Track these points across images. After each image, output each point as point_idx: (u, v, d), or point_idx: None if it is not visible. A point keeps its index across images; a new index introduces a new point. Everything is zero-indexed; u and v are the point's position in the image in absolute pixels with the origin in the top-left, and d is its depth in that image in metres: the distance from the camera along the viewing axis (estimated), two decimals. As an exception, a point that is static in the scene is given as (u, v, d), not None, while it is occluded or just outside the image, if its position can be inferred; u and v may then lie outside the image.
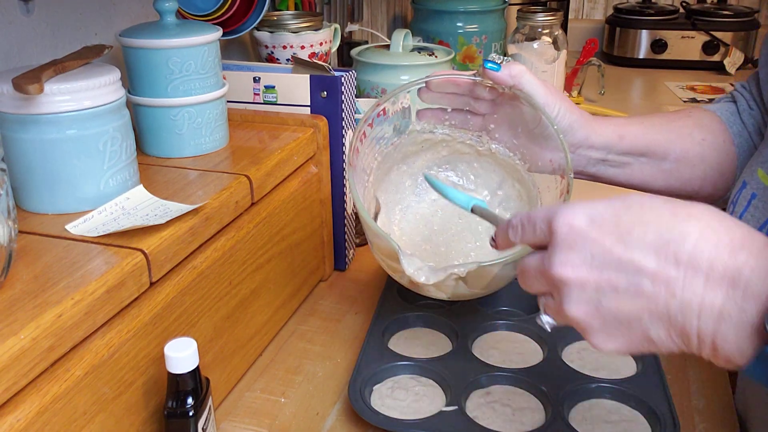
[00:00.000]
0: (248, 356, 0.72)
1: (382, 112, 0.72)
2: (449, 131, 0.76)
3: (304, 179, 0.81)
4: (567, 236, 0.44)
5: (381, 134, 0.74)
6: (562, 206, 0.45)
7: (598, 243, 0.43)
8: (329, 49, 1.18)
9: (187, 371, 0.54)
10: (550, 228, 0.45)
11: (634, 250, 0.42)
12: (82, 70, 0.62)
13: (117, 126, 0.62)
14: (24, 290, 0.49)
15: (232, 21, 0.98)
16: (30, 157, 0.59)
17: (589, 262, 0.43)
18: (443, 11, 1.56)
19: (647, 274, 0.41)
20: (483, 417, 0.63)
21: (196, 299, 0.62)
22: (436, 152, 0.80)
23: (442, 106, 0.74)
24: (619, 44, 1.97)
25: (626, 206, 0.44)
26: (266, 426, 0.65)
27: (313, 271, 0.86)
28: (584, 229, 0.43)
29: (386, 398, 0.66)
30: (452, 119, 0.75)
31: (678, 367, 0.72)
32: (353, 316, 0.82)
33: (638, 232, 0.42)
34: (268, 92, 0.86)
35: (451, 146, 0.79)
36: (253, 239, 0.70)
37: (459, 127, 0.76)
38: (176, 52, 0.72)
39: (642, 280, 0.42)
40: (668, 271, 0.41)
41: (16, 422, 0.44)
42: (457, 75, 0.71)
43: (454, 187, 0.68)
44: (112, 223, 0.58)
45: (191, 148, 0.75)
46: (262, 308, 0.74)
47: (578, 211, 0.44)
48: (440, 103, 0.74)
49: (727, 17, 1.88)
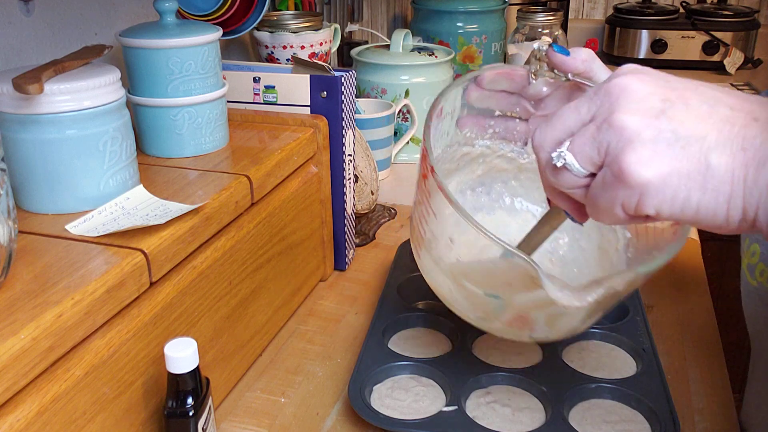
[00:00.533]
0: (248, 356, 0.72)
1: (439, 112, 0.60)
2: (490, 143, 0.66)
3: (304, 179, 0.81)
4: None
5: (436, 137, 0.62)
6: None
7: (670, 77, 0.40)
8: (329, 49, 1.18)
9: (187, 371, 0.54)
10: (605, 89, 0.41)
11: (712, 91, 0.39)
12: (82, 70, 0.62)
13: (117, 126, 0.62)
14: (24, 290, 0.49)
15: (232, 21, 0.98)
16: (30, 157, 0.59)
17: (660, 80, 0.40)
18: (443, 11, 1.56)
19: (726, 103, 0.39)
20: (483, 417, 0.63)
21: (196, 299, 0.62)
22: (470, 172, 0.70)
23: (485, 113, 0.64)
24: (619, 44, 1.97)
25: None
26: (266, 426, 0.65)
27: (313, 271, 0.86)
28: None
29: (386, 398, 0.66)
30: (496, 126, 0.64)
31: (678, 367, 0.72)
32: (353, 316, 0.82)
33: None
34: (268, 92, 0.86)
35: (488, 162, 0.69)
36: (253, 239, 0.70)
37: (501, 137, 0.65)
38: (176, 52, 0.72)
39: (719, 106, 0.38)
40: (749, 107, 0.38)
41: (16, 422, 0.44)
42: (512, 68, 0.60)
43: (489, 214, 0.61)
44: (112, 223, 0.58)
45: (191, 148, 0.75)
46: (262, 308, 0.74)
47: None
48: (487, 104, 0.63)
49: (727, 17, 1.88)
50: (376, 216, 1.05)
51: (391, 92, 1.23)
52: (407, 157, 1.28)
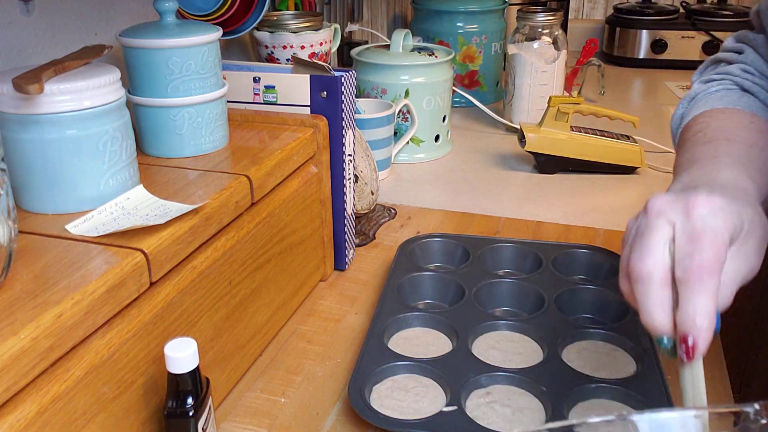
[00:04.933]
0: (248, 356, 0.72)
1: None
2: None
3: (304, 179, 0.81)
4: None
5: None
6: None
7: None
8: (329, 49, 1.18)
9: (187, 371, 0.54)
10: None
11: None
12: (82, 70, 0.62)
13: (117, 126, 0.62)
14: (24, 290, 0.49)
15: (232, 21, 0.98)
16: (30, 157, 0.59)
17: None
18: (443, 11, 1.56)
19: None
20: (483, 417, 0.63)
21: (196, 299, 0.62)
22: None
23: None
24: (619, 44, 1.97)
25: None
26: (266, 426, 0.65)
27: (313, 271, 0.86)
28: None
29: (386, 398, 0.66)
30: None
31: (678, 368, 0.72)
32: (353, 316, 0.82)
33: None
34: (268, 92, 0.86)
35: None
36: (253, 239, 0.70)
37: None
38: (176, 52, 0.72)
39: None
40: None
41: (16, 422, 0.44)
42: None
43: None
44: (112, 223, 0.58)
45: (191, 148, 0.75)
46: (262, 308, 0.74)
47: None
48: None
49: (727, 17, 1.88)
50: (376, 216, 1.05)
51: (391, 92, 1.23)
52: (407, 157, 1.28)
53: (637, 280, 0.44)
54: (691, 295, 0.42)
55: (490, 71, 1.60)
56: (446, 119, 1.31)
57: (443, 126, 1.30)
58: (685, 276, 0.42)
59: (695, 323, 0.41)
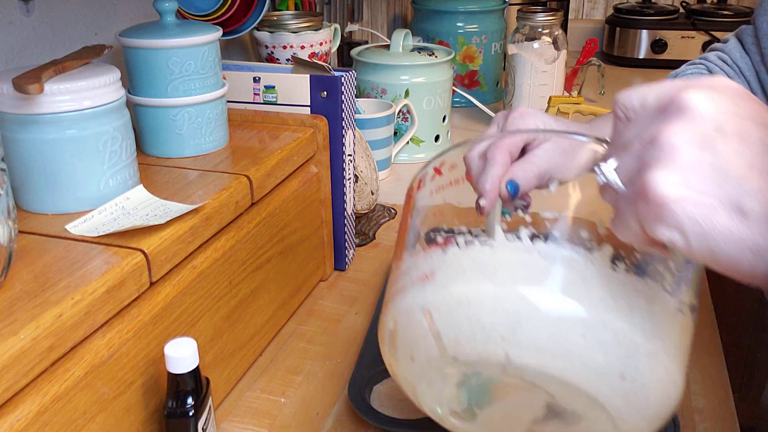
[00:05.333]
0: (248, 356, 0.72)
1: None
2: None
3: (304, 179, 0.81)
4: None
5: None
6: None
7: (743, 101, 0.37)
8: (329, 49, 1.18)
9: (187, 371, 0.54)
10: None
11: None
12: (82, 70, 0.62)
13: (117, 126, 0.62)
14: (24, 290, 0.49)
15: (232, 21, 0.98)
16: (30, 157, 0.59)
17: (730, 104, 0.36)
18: (443, 11, 1.56)
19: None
20: (483, 417, 0.63)
21: (196, 299, 0.62)
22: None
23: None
24: (619, 44, 1.97)
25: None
26: (266, 426, 0.65)
27: (313, 271, 0.86)
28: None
29: (386, 398, 0.66)
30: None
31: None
32: (353, 316, 0.82)
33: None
34: (268, 92, 0.86)
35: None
36: (253, 239, 0.70)
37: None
38: (176, 52, 0.72)
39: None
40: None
41: (16, 422, 0.44)
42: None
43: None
44: (112, 223, 0.58)
45: (191, 148, 0.75)
46: (262, 308, 0.74)
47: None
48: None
49: (727, 17, 1.88)
50: (376, 216, 1.06)
51: (391, 92, 1.23)
52: (407, 157, 1.28)
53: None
54: (487, 167, 0.53)
55: (490, 71, 1.60)
56: (446, 119, 1.31)
57: (443, 126, 1.30)
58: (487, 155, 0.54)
59: (485, 187, 0.52)
